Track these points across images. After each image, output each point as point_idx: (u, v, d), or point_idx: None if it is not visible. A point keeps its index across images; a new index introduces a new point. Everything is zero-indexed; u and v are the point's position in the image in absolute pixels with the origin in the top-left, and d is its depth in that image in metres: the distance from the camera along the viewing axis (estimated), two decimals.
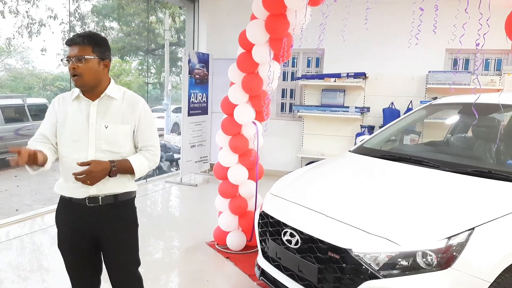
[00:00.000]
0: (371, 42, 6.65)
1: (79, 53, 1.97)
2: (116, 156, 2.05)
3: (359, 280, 2.16)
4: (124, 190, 2.12)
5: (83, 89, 2.06)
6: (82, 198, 2.05)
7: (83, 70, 1.97)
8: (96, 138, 2.03)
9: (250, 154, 3.93)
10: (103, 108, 2.07)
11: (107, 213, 2.09)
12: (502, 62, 6.39)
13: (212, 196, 4.30)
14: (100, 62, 2.04)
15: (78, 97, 2.08)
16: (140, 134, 2.13)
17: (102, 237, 2.12)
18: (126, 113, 2.09)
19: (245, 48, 3.76)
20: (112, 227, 2.11)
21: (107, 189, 2.06)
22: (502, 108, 2.79)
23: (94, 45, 2.01)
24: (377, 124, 6.73)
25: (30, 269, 3.62)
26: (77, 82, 2.00)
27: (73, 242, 2.12)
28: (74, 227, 2.11)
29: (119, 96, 2.11)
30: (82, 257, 2.15)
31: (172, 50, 17.24)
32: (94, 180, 1.95)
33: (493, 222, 2.13)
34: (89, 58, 1.98)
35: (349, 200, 2.64)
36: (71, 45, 2.00)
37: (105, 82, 2.09)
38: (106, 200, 2.08)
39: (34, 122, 10.93)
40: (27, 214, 5.06)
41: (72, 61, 1.97)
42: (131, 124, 2.10)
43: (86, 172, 1.91)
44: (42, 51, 14.40)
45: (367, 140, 3.63)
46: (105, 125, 2.04)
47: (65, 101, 2.11)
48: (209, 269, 3.72)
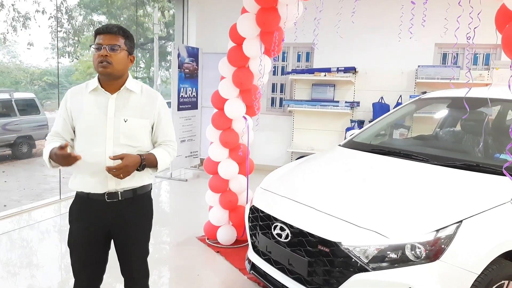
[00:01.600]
0: (362, 37, 6.67)
1: (113, 42, 1.99)
2: (134, 150, 2.04)
3: (349, 273, 2.17)
4: (142, 183, 2.12)
5: (107, 78, 2.03)
6: (101, 194, 2.04)
7: (114, 59, 1.98)
8: (114, 131, 2.01)
9: (240, 148, 3.93)
10: (122, 102, 2.06)
11: (126, 208, 2.08)
12: (491, 56, 6.45)
13: (203, 191, 4.29)
14: (128, 56, 2.06)
15: (96, 89, 2.05)
16: (160, 130, 2.16)
17: (120, 231, 2.11)
18: (145, 108, 2.10)
19: (235, 42, 3.74)
20: (131, 220, 2.11)
21: (126, 184, 2.04)
22: (489, 102, 2.82)
23: (126, 38, 2.04)
24: (367, 119, 6.77)
25: (20, 265, 3.58)
26: (105, 69, 1.98)
27: (86, 238, 2.10)
28: (89, 224, 2.08)
29: (138, 90, 2.11)
30: (92, 253, 2.13)
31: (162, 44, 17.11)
32: (127, 174, 1.96)
33: (481, 215, 2.16)
34: (121, 48, 2.00)
35: (338, 194, 2.65)
36: (104, 33, 2.00)
37: (126, 76, 2.09)
38: (125, 195, 2.07)
39: (21, 117, 10.79)
40: (15, 209, 5.00)
41: (105, 49, 1.97)
42: (150, 118, 2.11)
43: (121, 166, 1.91)
44: (29, 45, 14.20)
45: (357, 134, 3.65)
46: (124, 119, 2.03)
47: (80, 94, 2.08)
48: (200, 263, 3.72)
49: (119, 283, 2.32)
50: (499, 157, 2.75)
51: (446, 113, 3.97)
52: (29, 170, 9.56)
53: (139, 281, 2.25)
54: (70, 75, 21.24)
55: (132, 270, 2.21)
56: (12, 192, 7.36)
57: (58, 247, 4.09)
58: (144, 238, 2.21)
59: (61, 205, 5.30)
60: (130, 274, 2.22)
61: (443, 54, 6.66)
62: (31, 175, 9.03)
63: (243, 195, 4.02)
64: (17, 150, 10.72)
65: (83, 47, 17.63)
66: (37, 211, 5.01)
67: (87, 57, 20.06)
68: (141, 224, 2.16)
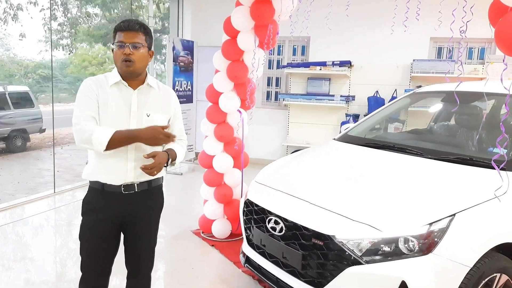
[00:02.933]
0: (357, 31, 6.66)
1: (137, 40, 1.98)
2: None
3: (342, 266, 2.19)
4: (157, 176, 2.12)
5: (131, 76, 2.03)
6: (118, 186, 2.04)
7: (137, 57, 1.99)
8: (138, 125, 2.03)
9: (235, 142, 3.92)
10: (143, 97, 2.08)
11: (140, 200, 2.10)
12: (486, 51, 6.46)
13: (197, 185, 4.29)
14: (148, 52, 2.07)
15: (118, 83, 2.05)
16: (175, 126, 2.22)
17: (130, 222, 2.12)
18: (164, 104, 2.15)
19: (230, 35, 3.72)
20: (143, 212, 2.13)
21: (143, 176, 2.05)
22: (485, 97, 2.83)
23: (146, 34, 2.04)
24: (362, 113, 6.77)
25: (14, 259, 3.57)
26: (128, 67, 1.98)
27: (99, 231, 2.08)
28: (103, 216, 2.06)
29: (156, 86, 2.14)
30: (103, 246, 2.11)
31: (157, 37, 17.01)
32: (159, 171, 2.00)
33: (474, 208, 2.17)
34: (143, 46, 2.01)
35: (333, 187, 2.66)
36: (126, 30, 1.98)
37: (145, 71, 2.11)
38: (141, 186, 2.09)
39: (15, 111, 10.72)
40: (9, 203, 4.98)
41: (128, 47, 1.96)
42: (168, 114, 2.16)
43: (156, 164, 1.95)
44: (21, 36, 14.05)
45: (351, 128, 3.65)
46: (147, 114, 2.07)
47: (103, 86, 2.04)
48: (195, 257, 3.73)
49: (119, 275, 2.32)
50: (493, 151, 2.76)
51: (440, 107, 3.98)
52: (23, 164, 9.51)
53: (144, 272, 2.27)
54: (64, 68, 21.10)
55: (139, 262, 2.23)
56: (6, 186, 7.32)
57: (52, 241, 4.09)
58: (154, 230, 2.25)
59: (55, 199, 5.28)
60: (137, 265, 2.23)
61: (438, 48, 6.67)
62: (25, 168, 8.99)
63: (238, 189, 4.02)
64: (11, 143, 10.66)
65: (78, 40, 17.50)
66: (31, 205, 4.99)
67: (81, 50, 19.90)
68: (152, 216, 2.21)
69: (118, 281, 2.95)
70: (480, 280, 2.13)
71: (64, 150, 10.60)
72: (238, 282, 3.28)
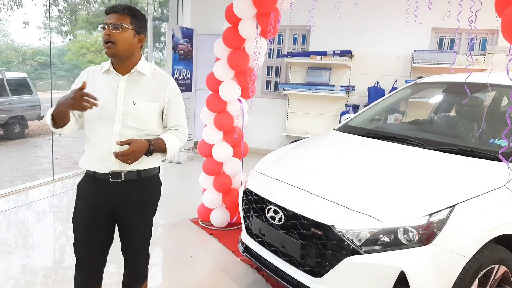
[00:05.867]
0: (358, 20, 6.61)
1: (116, 20, 1.95)
2: (141, 133, 2.03)
3: (341, 256, 2.19)
4: (147, 166, 2.10)
5: (114, 58, 2.01)
6: (106, 173, 2.03)
7: (117, 38, 1.94)
8: (123, 113, 2.00)
9: (235, 131, 3.91)
10: (132, 84, 2.04)
11: (130, 189, 2.07)
12: (487, 42, 6.43)
13: (196, 174, 4.29)
14: (136, 35, 2.02)
15: (108, 70, 2.04)
16: (170, 114, 2.14)
17: (123, 212, 2.10)
18: (155, 91, 2.07)
19: (231, 22, 3.68)
20: (134, 202, 2.09)
21: (130, 165, 2.01)
22: (489, 87, 2.81)
23: (133, 17, 2.00)
24: (362, 103, 6.75)
25: (13, 245, 3.58)
26: (109, 49, 1.95)
27: (90, 216, 2.08)
28: (94, 202, 2.07)
29: (149, 73, 2.08)
30: (95, 232, 2.10)
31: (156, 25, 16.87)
32: (134, 159, 1.94)
33: (474, 199, 2.17)
34: (126, 27, 1.96)
35: (332, 177, 2.65)
36: (110, 13, 1.98)
37: (136, 57, 2.06)
38: (129, 176, 2.05)
39: (13, 97, 10.66)
40: (8, 190, 4.97)
41: (108, 27, 1.94)
42: (159, 102, 2.08)
43: (129, 152, 1.90)
44: (24, 24, 13.93)
45: (351, 118, 3.64)
46: (133, 101, 2.02)
47: (94, 74, 2.06)
48: (193, 245, 3.73)
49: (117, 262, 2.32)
50: (494, 142, 2.76)
51: (441, 98, 3.97)
52: (21, 151, 9.49)
53: (139, 264, 2.25)
54: (62, 55, 20.98)
55: (133, 253, 2.21)
56: (4, 172, 7.31)
57: (51, 227, 4.09)
58: (146, 221, 2.19)
59: (54, 186, 5.28)
60: (131, 257, 2.22)
61: (439, 39, 6.63)
62: (24, 155, 8.96)
63: (237, 178, 4.01)
64: (9, 130, 10.63)
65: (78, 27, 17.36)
66: (29, 191, 4.99)
67: (79, 37, 19.76)
68: (144, 207, 2.15)
69: (116, 268, 2.95)
70: (479, 271, 2.14)
71: (62, 137, 10.56)
72: (237, 270, 3.29)
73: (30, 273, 3.12)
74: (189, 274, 3.22)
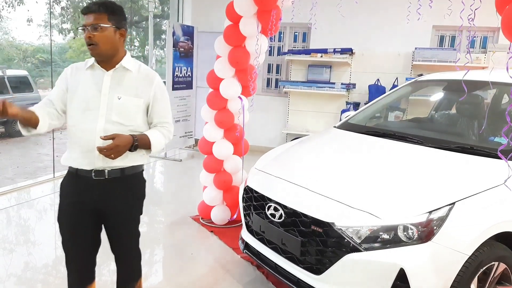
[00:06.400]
0: (359, 18, 6.59)
1: (94, 21, 1.92)
2: (125, 129, 2.01)
3: (341, 253, 2.19)
4: (132, 163, 2.08)
5: (99, 58, 2.01)
6: (88, 170, 2.01)
7: (99, 39, 1.93)
8: (107, 108, 1.99)
9: (236, 129, 3.91)
10: (117, 79, 2.02)
11: (114, 187, 2.05)
12: (488, 40, 6.42)
13: (197, 171, 4.29)
14: (116, 31, 1.99)
15: (93, 66, 2.03)
16: (155, 111, 2.11)
17: (107, 211, 2.08)
18: (140, 87, 2.06)
19: (232, 20, 3.68)
20: (118, 201, 2.07)
21: (113, 162, 1.99)
22: (491, 85, 2.81)
23: (110, 14, 1.96)
24: (363, 101, 6.74)
25: (14, 243, 3.59)
26: (93, 51, 1.95)
27: (74, 215, 2.07)
28: (77, 200, 2.06)
29: (135, 69, 2.07)
30: (80, 232, 2.10)
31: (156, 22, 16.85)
32: (118, 154, 1.91)
33: (474, 197, 2.17)
34: (105, 26, 1.93)
35: (332, 174, 2.66)
36: (86, 13, 1.94)
37: (121, 52, 2.04)
38: (113, 173, 2.03)
39: (14, 95, 10.66)
40: (9, 187, 4.99)
41: (88, 30, 1.92)
42: (144, 98, 2.06)
43: (112, 146, 1.87)
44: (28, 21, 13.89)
45: (352, 116, 3.64)
46: (118, 96, 2.00)
47: (79, 70, 2.06)
48: (194, 242, 3.74)
49: None
50: (494, 140, 2.76)
51: (441, 96, 3.96)
52: (22, 148, 9.50)
53: (129, 263, 2.24)
54: (63, 53, 20.96)
55: (121, 253, 2.19)
56: (5, 170, 7.32)
57: (52, 225, 4.09)
58: (132, 220, 2.17)
59: (55, 184, 5.29)
60: (120, 256, 2.21)
61: (440, 37, 6.61)
62: (25, 153, 8.97)
63: (238, 176, 4.02)
64: (10, 128, 10.63)
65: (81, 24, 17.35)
66: (31, 189, 5.00)
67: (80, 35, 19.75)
68: (128, 205, 2.12)
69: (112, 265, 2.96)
70: (478, 269, 2.15)
71: (63, 135, 10.54)
72: (237, 268, 3.30)
73: (31, 270, 3.13)
74: (190, 271, 3.23)
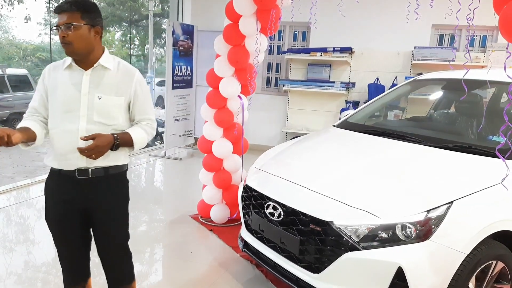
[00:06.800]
0: (358, 17, 6.58)
1: (67, 20, 1.89)
2: (108, 128, 1.99)
3: (340, 252, 2.20)
4: (115, 163, 2.06)
5: (75, 57, 1.98)
6: (72, 170, 1.99)
7: (72, 38, 1.90)
8: (88, 109, 1.96)
9: (235, 128, 3.92)
10: (96, 78, 1.99)
11: (98, 186, 2.03)
12: (487, 39, 6.42)
13: (196, 170, 4.30)
14: (91, 29, 1.96)
15: (70, 66, 2.00)
16: (137, 107, 2.09)
17: (92, 211, 2.07)
18: (121, 85, 2.03)
19: (232, 19, 3.68)
20: (103, 200, 2.06)
21: (97, 162, 1.98)
22: (489, 84, 2.81)
23: (83, 12, 1.93)
24: (362, 100, 6.74)
25: (14, 241, 3.60)
26: (67, 50, 1.93)
27: (61, 215, 2.06)
28: (62, 200, 2.04)
29: (114, 67, 2.04)
30: (69, 231, 2.09)
31: (156, 21, 16.85)
32: (99, 155, 1.90)
33: (472, 196, 2.18)
34: (78, 25, 1.90)
35: (331, 173, 2.66)
36: (59, 12, 1.91)
37: (98, 50, 2.01)
38: (96, 173, 2.02)
39: (14, 93, 10.67)
40: (9, 186, 5.00)
41: (61, 29, 1.90)
42: (125, 96, 2.04)
43: (93, 147, 1.86)
44: (26, 19, 13.89)
45: (351, 115, 3.64)
46: (98, 96, 1.97)
47: (56, 70, 2.03)
48: (193, 241, 3.75)
49: None
50: (492, 139, 2.76)
51: (440, 94, 3.97)
52: None
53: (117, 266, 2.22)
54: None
55: (108, 255, 2.17)
56: (5, 168, 7.34)
57: None
58: (117, 219, 2.15)
59: None
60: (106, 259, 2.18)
61: (439, 36, 6.62)
62: (24, 152, 8.97)
63: (237, 174, 4.03)
64: (10, 126, 10.56)
65: None
66: (30, 188, 5.01)
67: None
68: (113, 205, 2.11)
69: None
70: (476, 267, 2.16)
71: None
72: (236, 266, 3.30)
73: (31, 269, 3.14)
74: (189, 270, 3.24)
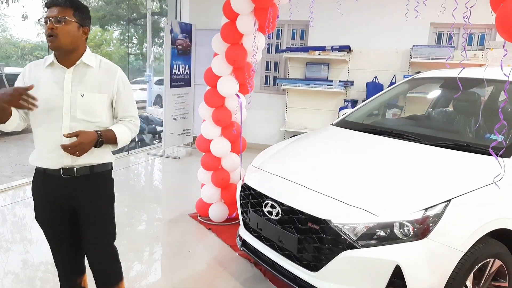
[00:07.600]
0: (357, 15, 6.59)
1: (59, 14, 1.90)
2: (92, 125, 1.99)
3: (338, 250, 2.20)
4: (101, 161, 2.07)
5: (58, 52, 1.97)
6: (57, 169, 2.00)
7: (60, 31, 1.90)
8: (71, 106, 1.96)
9: (233, 126, 3.91)
10: (78, 76, 1.99)
11: (83, 185, 2.04)
12: (486, 37, 6.42)
13: (195, 169, 4.30)
14: (80, 28, 1.97)
15: (52, 64, 2.00)
16: (119, 105, 2.10)
17: (78, 209, 2.08)
18: (103, 82, 2.03)
19: (229, 18, 3.68)
20: (88, 198, 2.07)
21: (82, 160, 1.99)
22: (486, 83, 2.81)
23: (75, 9, 1.94)
24: (361, 98, 6.75)
25: (13, 241, 3.59)
26: (52, 43, 1.91)
27: (50, 214, 2.08)
28: (50, 199, 2.06)
29: (96, 65, 2.04)
30: (60, 230, 2.11)
31: (155, 20, 16.82)
32: (83, 151, 1.91)
33: (469, 194, 2.18)
34: (69, 20, 1.91)
35: (329, 172, 2.67)
36: (51, 6, 1.92)
37: (81, 49, 2.01)
38: (81, 171, 2.02)
39: None
40: (7, 185, 4.99)
41: (50, 21, 1.89)
42: (108, 93, 2.05)
43: (76, 144, 1.87)
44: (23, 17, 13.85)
45: (349, 113, 3.65)
46: (81, 94, 1.98)
47: (37, 69, 2.02)
48: (192, 240, 3.75)
49: None
50: (490, 137, 2.77)
51: (438, 93, 3.97)
52: (20, 146, 9.48)
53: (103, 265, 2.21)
54: None
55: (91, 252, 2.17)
56: (3, 168, 7.32)
57: None
58: (103, 219, 2.14)
59: None
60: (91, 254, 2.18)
61: (438, 34, 6.62)
62: (23, 151, 8.96)
63: (235, 173, 4.03)
64: None
65: None
66: (28, 187, 4.99)
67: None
68: (99, 203, 2.11)
69: None
70: (474, 265, 2.16)
71: None
72: (235, 265, 3.31)
73: (29, 268, 3.14)
74: (187, 268, 3.24)
